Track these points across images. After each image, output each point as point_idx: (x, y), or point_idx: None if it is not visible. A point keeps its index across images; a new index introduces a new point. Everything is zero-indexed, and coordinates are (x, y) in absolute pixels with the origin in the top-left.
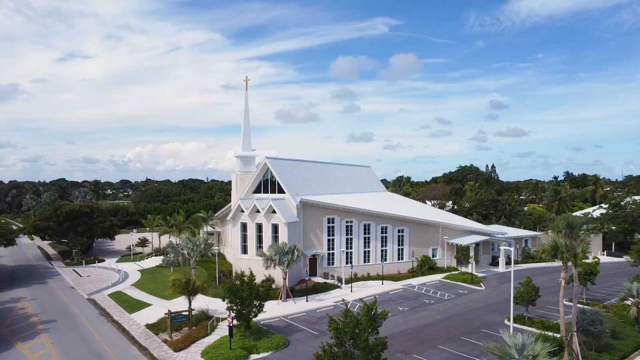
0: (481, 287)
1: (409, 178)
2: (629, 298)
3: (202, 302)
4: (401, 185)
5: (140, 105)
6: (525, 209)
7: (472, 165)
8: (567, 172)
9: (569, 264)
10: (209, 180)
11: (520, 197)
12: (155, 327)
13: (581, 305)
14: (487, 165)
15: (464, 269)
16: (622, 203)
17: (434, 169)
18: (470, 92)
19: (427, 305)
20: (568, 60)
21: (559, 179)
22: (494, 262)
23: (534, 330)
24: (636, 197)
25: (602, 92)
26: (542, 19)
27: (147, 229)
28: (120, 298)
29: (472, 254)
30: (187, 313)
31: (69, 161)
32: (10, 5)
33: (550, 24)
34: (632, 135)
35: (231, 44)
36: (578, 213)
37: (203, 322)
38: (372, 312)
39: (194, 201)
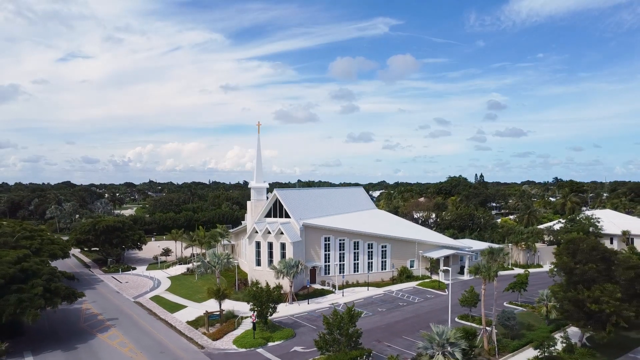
0: (445, 292)
1: (400, 188)
2: (541, 301)
3: (228, 305)
4: (392, 199)
5: (140, 105)
6: (499, 221)
7: (460, 175)
8: (556, 178)
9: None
10: (211, 182)
11: (508, 204)
12: (194, 324)
13: (510, 305)
14: (475, 175)
15: (435, 277)
16: (577, 218)
17: (433, 168)
18: (470, 92)
19: (401, 307)
20: (568, 60)
21: (549, 184)
22: (462, 271)
23: (474, 325)
24: (589, 212)
25: (602, 92)
26: (542, 18)
27: (164, 237)
28: (160, 301)
29: (441, 265)
30: (218, 313)
31: (69, 161)
32: (10, 7)
33: (550, 24)
34: (632, 135)
35: (231, 44)
36: (542, 226)
37: (231, 320)
38: (352, 312)
39: (202, 210)
